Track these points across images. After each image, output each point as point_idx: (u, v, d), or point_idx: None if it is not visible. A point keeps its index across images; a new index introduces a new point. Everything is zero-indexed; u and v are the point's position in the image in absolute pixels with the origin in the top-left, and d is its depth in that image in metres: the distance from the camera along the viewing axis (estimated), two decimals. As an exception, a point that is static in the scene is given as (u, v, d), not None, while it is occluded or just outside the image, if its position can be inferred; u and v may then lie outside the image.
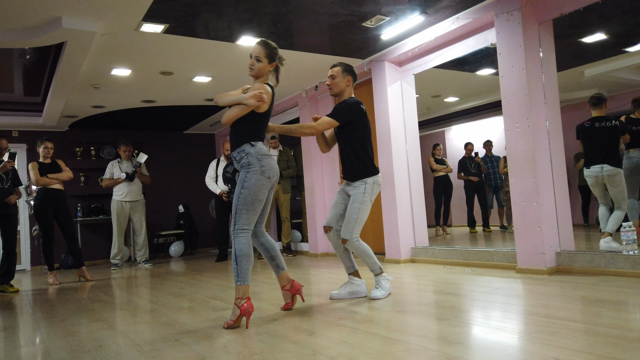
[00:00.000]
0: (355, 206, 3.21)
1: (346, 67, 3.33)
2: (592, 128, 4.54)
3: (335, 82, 3.31)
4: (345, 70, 3.32)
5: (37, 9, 3.75)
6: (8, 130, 7.55)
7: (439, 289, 3.57)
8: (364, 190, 3.23)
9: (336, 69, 3.32)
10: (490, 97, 7.28)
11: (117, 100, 6.62)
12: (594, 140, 4.51)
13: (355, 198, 3.24)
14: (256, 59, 2.91)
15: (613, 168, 4.39)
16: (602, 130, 4.49)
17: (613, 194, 4.44)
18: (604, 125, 4.50)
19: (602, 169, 4.43)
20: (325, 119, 3.23)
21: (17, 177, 5.24)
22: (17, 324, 3.37)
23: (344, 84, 3.31)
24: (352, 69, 3.36)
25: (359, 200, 3.22)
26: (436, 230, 7.54)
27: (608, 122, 4.50)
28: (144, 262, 6.97)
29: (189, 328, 2.80)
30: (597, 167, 4.47)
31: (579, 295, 3.01)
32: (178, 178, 9.06)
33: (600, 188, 4.55)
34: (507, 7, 4.03)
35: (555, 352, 1.92)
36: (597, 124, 4.54)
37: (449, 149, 9.54)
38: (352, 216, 3.21)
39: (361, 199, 3.22)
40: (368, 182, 3.25)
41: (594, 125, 4.55)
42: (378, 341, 2.25)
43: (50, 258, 5.51)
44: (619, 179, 4.40)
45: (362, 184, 3.25)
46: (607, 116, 4.57)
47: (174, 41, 4.57)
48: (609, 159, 4.41)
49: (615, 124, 4.48)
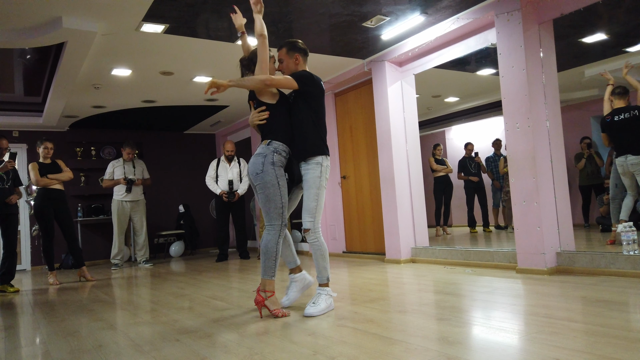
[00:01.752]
0: (314, 192, 2.90)
1: (290, 45, 3.07)
2: (612, 121, 4.64)
3: (285, 66, 3.06)
4: (290, 49, 3.06)
5: (37, 9, 3.75)
6: (8, 130, 7.55)
7: (439, 289, 3.57)
8: (320, 174, 2.92)
9: (281, 50, 3.08)
10: (491, 97, 7.28)
11: (117, 100, 6.62)
12: (614, 131, 4.63)
13: (312, 183, 2.91)
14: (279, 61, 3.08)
15: (636, 157, 4.48)
16: (623, 121, 4.58)
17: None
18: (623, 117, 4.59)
19: (627, 159, 4.52)
20: (284, 76, 2.93)
21: (17, 177, 5.24)
22: (18, 324, 3.38)
23: (293, 63, 3.06)
24: (297, 44, 3.08)
25: (317, 185, 2.91)
26: (436, 231, 7.54)
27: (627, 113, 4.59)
28: (144, 262, 6.97)
29: (189, 328, 2.80)
30: (622, 158, 4.57)
31: (579, 295, 3.01)
32: (178, 178, 9.06)
33: (628, 177, 4.62)
34: (507, 7, 4.02)
35: (556, 352, 1.92)
36: (617, 116, 4.62)
37: (449, 149, 9.54)
38: (312, 203, 2.90)
39: (318, 183, 2.92)
40: (323, 165, 2.94)
41: (613, 118, 4.65)
42: (378, 341, 2.25)
43: (51, 258, 5.51)
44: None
45: (318, 167, 2.92)
46: (627, 107, 4.64)
47: (175, 41, 4.57)
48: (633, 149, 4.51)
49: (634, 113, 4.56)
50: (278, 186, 2.85)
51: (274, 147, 2.90)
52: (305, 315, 2.86)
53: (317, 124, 2.99)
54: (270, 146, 2.90)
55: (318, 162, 2.94)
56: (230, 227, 8.14)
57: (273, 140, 2.92)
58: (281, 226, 2.88)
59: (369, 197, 6.02)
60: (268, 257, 2.87)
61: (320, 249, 2.97)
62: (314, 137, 2.96)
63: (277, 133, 2.93)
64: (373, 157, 5.83)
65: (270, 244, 2.86)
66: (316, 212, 2.92)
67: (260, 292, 2.87)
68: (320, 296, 2.95)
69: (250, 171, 2.91)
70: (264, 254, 2.88)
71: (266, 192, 2.84)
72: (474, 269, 4.39)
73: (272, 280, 2.89)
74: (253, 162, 2.90)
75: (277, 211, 2.86)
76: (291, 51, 3.07)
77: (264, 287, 2.88)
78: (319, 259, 2.99)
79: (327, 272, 3.00)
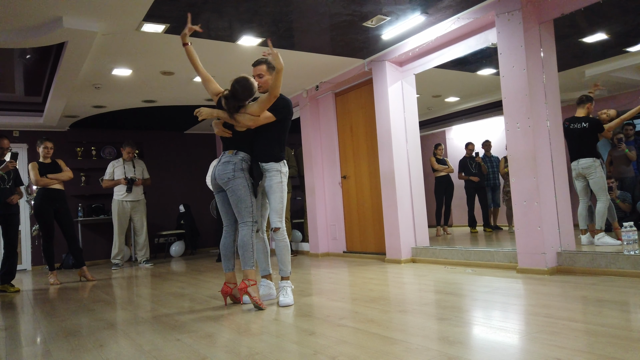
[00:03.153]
0: (279, 195, 3.29)
1: (270, 63, 3.34)
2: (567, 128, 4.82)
3: (264, 80, 3.33)
4: (270, 67, 3.33)
5: (38, 9, 3.75)
6: (9, 130, 7.55)
7: (439, 289, 3.57)
8: (281, 179, 3.31)
9: (262, 67, 3.33)
10: (491, 97, 7.28)
11: (117, 100, 6.62)
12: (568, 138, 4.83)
13: (276, 188, 3.29)
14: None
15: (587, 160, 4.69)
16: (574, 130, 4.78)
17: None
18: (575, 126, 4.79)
19: (578, 163, 4.71)
20: (267, 114, 3.25)
21: (18, 177, 5.24)
22: (18, 324, 3.38)
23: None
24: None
25: (280, 189, 3.29)
26: (437, 230, 7.53)
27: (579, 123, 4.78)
28: (144, 262, 6.97)
29: (189, 328, 2.80)
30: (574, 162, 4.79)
31: (580, 295, 3.01)
32: (179, 178, 9.07)
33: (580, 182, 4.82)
34: (507, 7, 4.02)
35: (556, 352, 1.91)
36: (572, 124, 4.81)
37: (449, 149, 9.53)
38: (278, 205, 3.28)
39: (281, 187, 3.30)
40: (282, 171, 3.32)
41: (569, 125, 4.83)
42: (379, 341, 2.25)
43: (51, 258, 5.51)
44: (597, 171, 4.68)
45: (278, 174, 3.30)
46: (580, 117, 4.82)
47: (175, 41, 4.57)
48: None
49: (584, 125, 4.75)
50: (247, 187, 3.25)
51: (241, 156, 3.30)
52: (281, 305, 3.22)
53: (282, 137, 3.39)
54: (238, 156, 3.29)
55: (277, 169, 3.32)
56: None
57: (239, 151, 3.31)
58: (252, 222, 3.27)
59: (369, 196, 6.02)
60: (245, 250, 3.23)
61: (286, 245, 3.37)
62: (277, 149, 3.35)
63: (243, 146, 3.33)
64: (373, 157, 5.83)
65: (246, 238, 3.24)
66: (282, 212, 3.31)
67: (245, 281, 3.19)
68: (286, 289, 3.32)
69: (219, 176, 3.28)
70: (241, 248, 3.24)
71: (238, 194, 3.23)
72: (474, 268, 4.39)
73: (253, 270, 3.24)
74: (222, 169, 3.27)
75: (247, 210, 3.25)
76: (271, 68, 3.33)
77: (246, 276, 3.21)
78: (285, 254, 3.37)
79: (290, 266, 3.39)
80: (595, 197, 4.74)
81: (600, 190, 4.67)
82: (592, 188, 4.74)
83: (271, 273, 3.54)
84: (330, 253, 6.63)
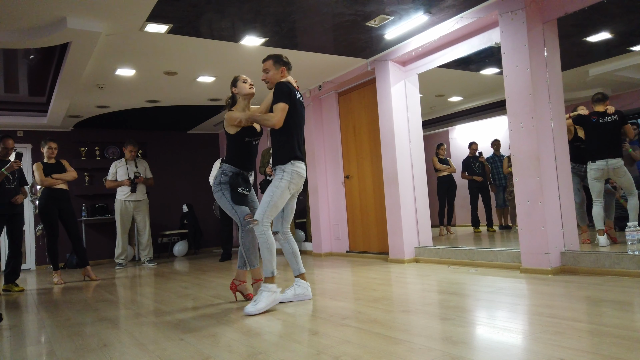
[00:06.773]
0: (270, 190, 3.17)
1: (276, 58, 3.31)
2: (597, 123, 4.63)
3: (270, 76, 3.30)
4: (276, 62, 3.30)
5: (41, 10, 3.77)
6: (13, 130, 7.58)
7: (443, 289, 3.56)
8: (282, 177, 3.19)
9: (268, 62, 3.31)
10: (495, 96, 7.26)
11: (121, 100, 6.64)
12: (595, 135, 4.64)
13: (272, 183, 3.21)
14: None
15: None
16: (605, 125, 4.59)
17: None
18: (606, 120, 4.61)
19: (607, 163, 4.51)
20: (279, 106, 3.15)
21: (23, 177, 5.26)
22: (23, 323, 3.39)
23: (279, 75, 3.31)
24: (282, 58, 3.33)
25: (275, 185, 3.18)
26: (440, 230, 7.53)
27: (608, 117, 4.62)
28: (148, 262, 6.99)
29: (193, 327, 2.80)
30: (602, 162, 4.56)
31: (583, 295, 3.00)
32: (182, 178, 9.08)
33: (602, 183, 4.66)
34: (511, 6, 4.01)
35: (560, 352, 1.91)
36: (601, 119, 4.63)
37: (452, 149, 9.52)
38: (265, 198, 3.17)
39: (277, 183, 3.18)
40: (286, 170, 3.19)
41: (598, 120, 4.64)
42: (382, 341, 2.25)
43: (55, 257, 5.53)
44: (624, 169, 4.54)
45: (281, 172, 3.21)
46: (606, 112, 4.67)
47: (178, 41, 4.58)
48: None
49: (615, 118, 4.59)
50: (225, 198, 3.38)
51: (222, 169, 3.43)
52: (244, 313, 3.03)
53: (280, 139, 3.25)
54: (221, 168, 3.44)
55: (281, 169, 3.25)
56: (234, 226, 8.15)
57: (224, 163, 3.45)
58: (242, 225, 3.42)
59: (372, 196, 6.02)
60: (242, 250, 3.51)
61: (266, 241, 3.15)
62: (279, 152, 3.26)
63: (228, 156, 3.45)
64: (376, 156, 5.83)
65: (242, 240, 3.47)
66: (267, 206, 3.15)
67: (234, 280, 3.50)
68: (262, 294, 3.07)
69: (211, 182, 3.49)
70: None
71: (221, 202, 3.43)
72: (477, 268, 4.38)
73: (245, 271, 3.51)
74: (214, 177, 3.55)
75: (235, 216, 3.42)
76: (277, 63, 3.32)
77: (237, 276, 3.54)
78: (264, 251, 3.15)
79: (272, 266, 3.13)
80: (593, 197, 4.65)
81: (632, 186, 4.55)
82: (622, 186, 4.61)
83: (303, 272, 3.41)
84: (333, 253, 6.63)
